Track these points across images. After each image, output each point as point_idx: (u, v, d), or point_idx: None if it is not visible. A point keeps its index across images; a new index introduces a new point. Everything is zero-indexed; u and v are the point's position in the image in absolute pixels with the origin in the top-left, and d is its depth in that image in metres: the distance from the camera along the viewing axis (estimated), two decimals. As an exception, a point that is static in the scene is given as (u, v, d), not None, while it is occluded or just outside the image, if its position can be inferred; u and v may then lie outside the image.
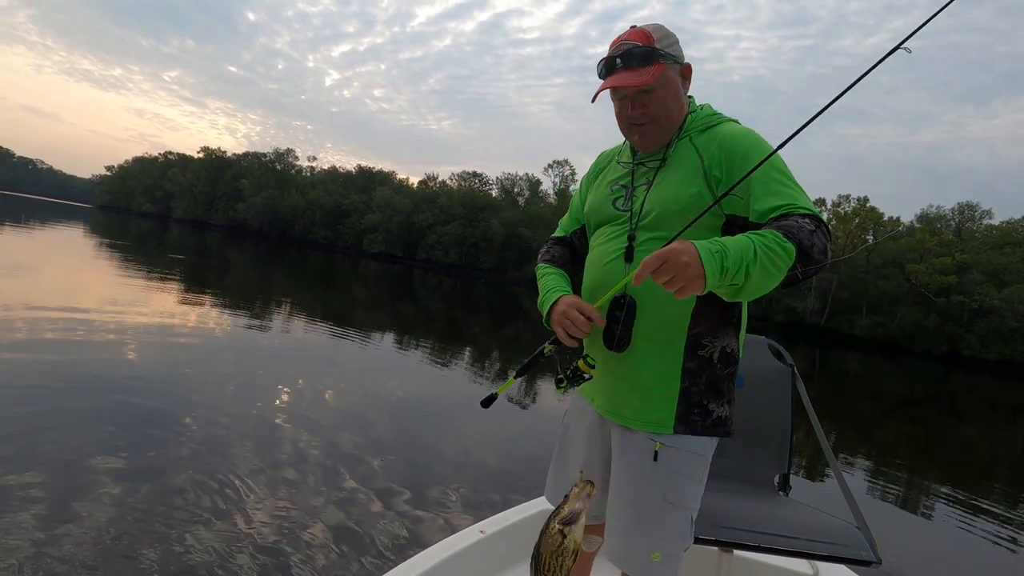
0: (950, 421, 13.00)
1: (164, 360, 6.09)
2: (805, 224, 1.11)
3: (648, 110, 1.29)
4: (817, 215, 1.16)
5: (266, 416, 4.78)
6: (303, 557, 2.74)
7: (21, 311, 7.17)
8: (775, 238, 1.06)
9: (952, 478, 7.07)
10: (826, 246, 1.12)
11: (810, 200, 1.20)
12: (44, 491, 2.96)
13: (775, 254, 1.05)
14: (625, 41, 1.26)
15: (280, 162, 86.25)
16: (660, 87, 1.27)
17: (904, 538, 4.59)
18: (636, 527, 1.33)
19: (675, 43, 1.30)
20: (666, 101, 1.28)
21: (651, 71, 1.24)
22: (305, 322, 10.92)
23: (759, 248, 1.04)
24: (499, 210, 63.57)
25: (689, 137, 1.32)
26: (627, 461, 1.36)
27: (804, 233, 1.09)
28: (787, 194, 1.18)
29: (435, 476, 4.06)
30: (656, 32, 1.28)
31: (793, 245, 1.07)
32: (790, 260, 1.06)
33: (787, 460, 1.89)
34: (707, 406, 1.30)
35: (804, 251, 1.08)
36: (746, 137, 1.27)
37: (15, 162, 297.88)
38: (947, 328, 43.36)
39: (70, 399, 4.41)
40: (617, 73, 1.25)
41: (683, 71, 1.32)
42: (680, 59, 1.30)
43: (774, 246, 1.05)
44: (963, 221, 51.94)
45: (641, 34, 1.27)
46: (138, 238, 31.57)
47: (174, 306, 10.02)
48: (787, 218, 1.14)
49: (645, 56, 1.24)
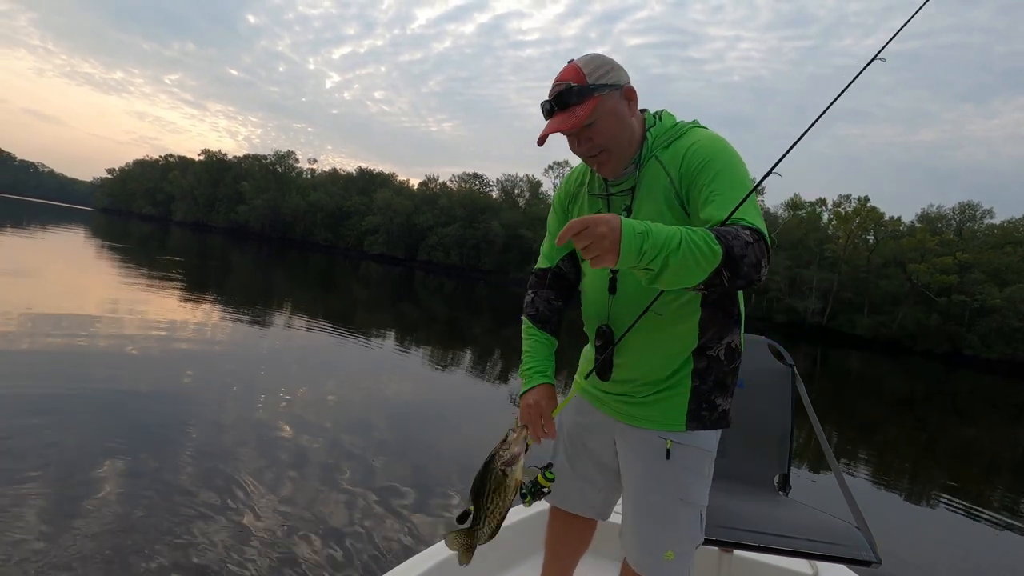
0: (951, 420, 12.99)
1: (167, 362, 6.10)
2: (744, 234, 1.10)
3: (595, 142, 1.28)
4: (760, 231, 1.14)
5: (268, 417, 4.78)
6: (303, 557, 2.74)
7: (25, 315, 7.18)
8: (705, 236, 1.06)
9: (953, 478, 7.06)
10: (760, 261, 1.10)
11: (760, 219, 1.17)
12: (49, 491, 2.97)
13: (700, 251, 1.04)
14: (558, 82, 1.26)
15: (281, 164, 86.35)
16: (600, 119, 1.26)
17: (904, 538, 4.58)
18: (649, 526, 1.36)
19: (610, 71, 1.27)
20: (611, 130, 1.27)
21: (584, 109, 1.24)
22: (307, 324, 10.93)
23: (685, 241, 1.04)
24: (500, 211, 63.62)
25: (655, 156, 1.31)
26: (638, 460, 1.39)
27: (738, 241, 1.08)
28: (731, 204, 1.16)
29: (435, 477, 4.06)
30: (587, 66, 1.26)
31: (721, 248, 1.05)
32: (715, 261, 1.05)
33: (787, 460, 1.89)
34: (714, 401, 1.35)
35: (733, 258, 1.07)
36: (707, 146, 1.26)
37: (16, 165, 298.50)
38: (949, 328, 43.31)
39: (74, 402, 4.42)
40: (554, 116, 1.26)
41: (626, 94, 1.29)
42: (619, 84, 1.28)
43: (701, 244, 1.05)
44: (964, 220, 51.89)
45: (572, 71, 1.26)
46: (139, 241, 31.62)
47: (176, 309, 10.03)
48: (731, 226, 1.14)
49: (578, 94, 1.24)
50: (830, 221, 53.30)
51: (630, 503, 1.41)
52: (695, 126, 1.33)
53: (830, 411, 10.76)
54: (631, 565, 1.39)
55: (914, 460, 7.88)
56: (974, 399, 19.18)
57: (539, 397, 1.38)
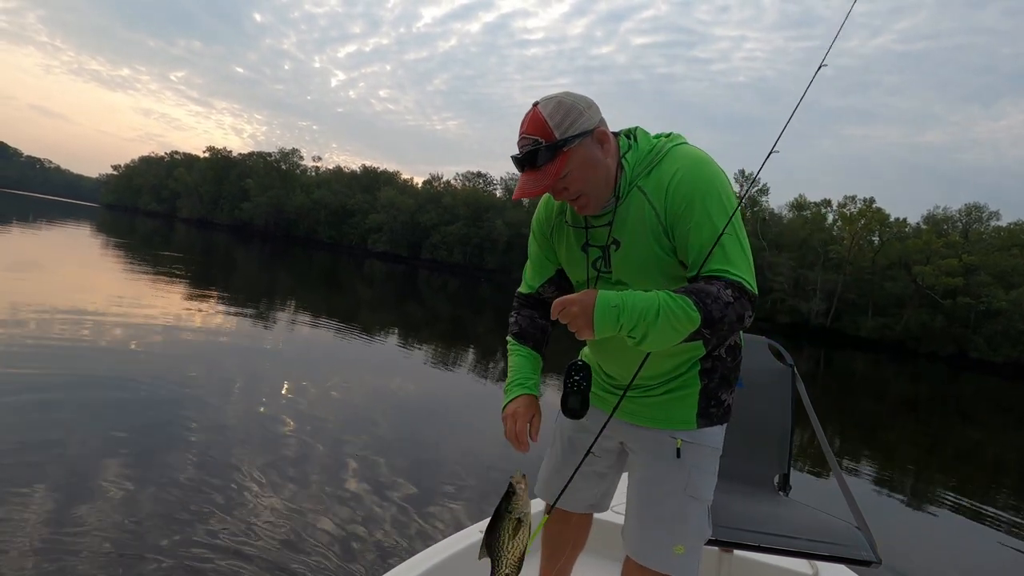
0: (955, 423, 12.93)
1: (172, 359, 6.12)
2: (724, 295, 1.14)
3: (572, 190, 1.25)
4: (743, 284, 1.16)
5: (272, 414, 4.80)
6: (303, 556, 2.75)
7: (30, 310, 7.22)
8: (683, 304, 1.12)
9: (955, 479, 7.03)
10: (742, 315, 1.16)
11: (744, 262, 1.19)
12: (54, 486, 2.99)
13: (677, 319, 1.11)
14: (526, 136, 1.21)
15: (285, 162, 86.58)
16: (573, 170, 1.22)
17: (905, 539, 4.57)
18: (659, 522, 1.37)
19: (578, 117, 1.21)
20: (586, 177, 1.24)
21: (554, 167, 1.21)
22: (310, 322, 10.96)
23: (662, 310, 1.11)
24: (504, 210, 63.56)
25: (637, 186, 1.26)
26: (649, 460, 1.41)
27: (718, 305, 1.13)
28: (724, 256, 1.17)
29: (437, 476, 4.07)
30: (553, 117, 1.20)
31: (699, 314, 1.11)
32: (693, 327, 1.12)
33: (787, 460, 1.89)
34: (720, 397, 1.38)
35: (712, 320, 1.13)
36: (690, 179, 1.22)
37: (23, 161, 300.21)
38: (954, 330, 43.11)
39: (77, 397, 4.44)
40: (526, 173, 1.24)
41: (597, 137, 1.23)
42: (589, 130, 1.22)
43: (679, 311, 1.11)
44: (970, 222, 51.60)
45: (539, 126, 1.20)
46: (144, 237, 31.76)
47: (180, 306, 10.07)
48: (713, 282, 1.16)
49: (547, 150, 1.20)
50: (835, 222, 53.12)
51: (637, 500, 1.41)
52: (674, 144, 1.28)
53: (834, 413, 10.73)
54: (640, 561, 1.38)
55: (916, 462, 7.85)
56: (979, 401, 19.09)
57: (515, 408, 1.38)
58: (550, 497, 1.59)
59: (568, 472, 1.54)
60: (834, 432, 8.72)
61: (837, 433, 8.67)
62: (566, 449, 1.57)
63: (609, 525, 2.01)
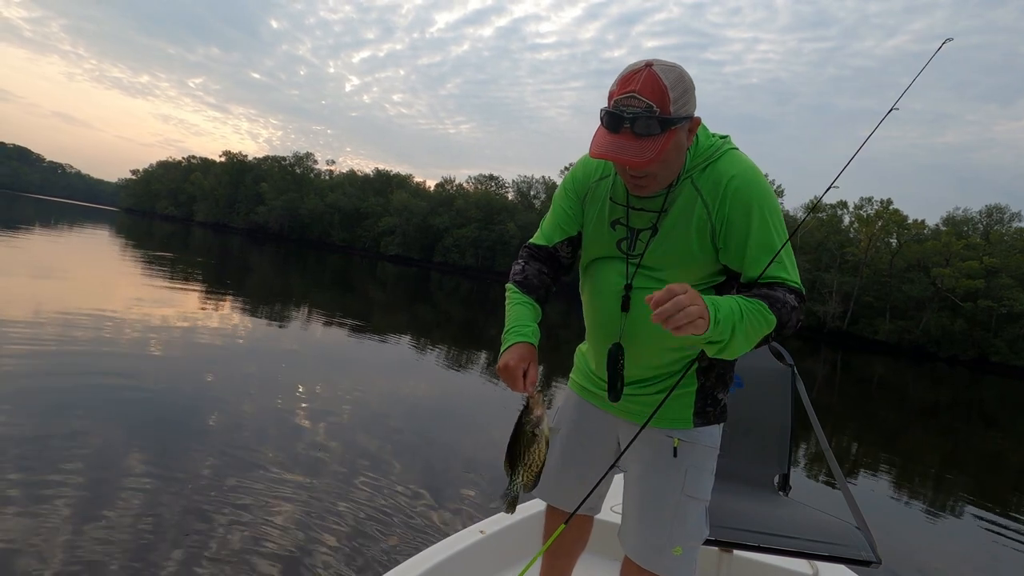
0: (976, 427, 12.68)
1: (189, 359, 6.22)
2: (790, 300, 1.17)
3: (646, 169, 1.19)
4: (801, 291, 1.21)
5: (286, 413, 4.86)
6: (303, 554, 2.78)
7: (50, 312, 7.38)
8: (761, 308, 1.13)
9: (964, 480, 6.89)
10: (799, 322, 1.20)
11: (797, 271, 1.24)
12: (76, 484, 3.05)
13: (758, 322, 1.12)
14: (637, 96, 1.10)
15: (299, 166, 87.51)
16: (666, 152, 1.15)
17: (905, 539, 4.51)
18: (657, 523, 1.36)
19: (691, 98, 1.15)
20: (668, 160, 1.18)
21: (659, 145, 1.11)
22: (324, 323, 11.06)
23: (746, 314, 1.11)
24: (516, 213, 63.68)
25: (691, 178, 1.24)
26: (645, 458, 1.39)
27: (786, 310, 1.16)
28: (781, 264, 1.20)
29: (442, 476, 4.09)
30: (674, 88, 1.11)
31: (776, 318, 1.14)
32: (769, 330, 1.14)
33: (787, 460, 1.88)
34: (717, 396, 1.38)
35: (782, 324, 1.16)
36: (748, 187, 1.21)
37: (45, 167, 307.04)
38: (975, 333, 42.27)
39: (99, 395, 4.54)
40: (622, 135, 1.12)
41: (691, 126, 1.18)
42: (692, 114, 1.17)
43: (758, 315, 1.12)
44: (991, 224, 50.64)
45: (657, 90, 1.10)
46: (161, 241, 32.25)
47: (197, 307, 10.22)
48: (775, 288, 1.19)
49: (660, 124, 1.10)
50: (851, 224, 52.42)
51: (635, 500, 1.40)
52: (730, 147, 1.27)
53: (850, 416, 10.58)
54: (637, 562, 1.38)
55: (930, 464, 7.71)
56: (1001, 406, 18.68)
57: (509, 356, 1.28)
58: (548, 497, 1.60)
59: (569, 474, 1.54)
60: (850, 436, 8.60)
61: (853, 437, 8.55)
62: (563, 448, 1.55)
63: (609, 525, 2.01)
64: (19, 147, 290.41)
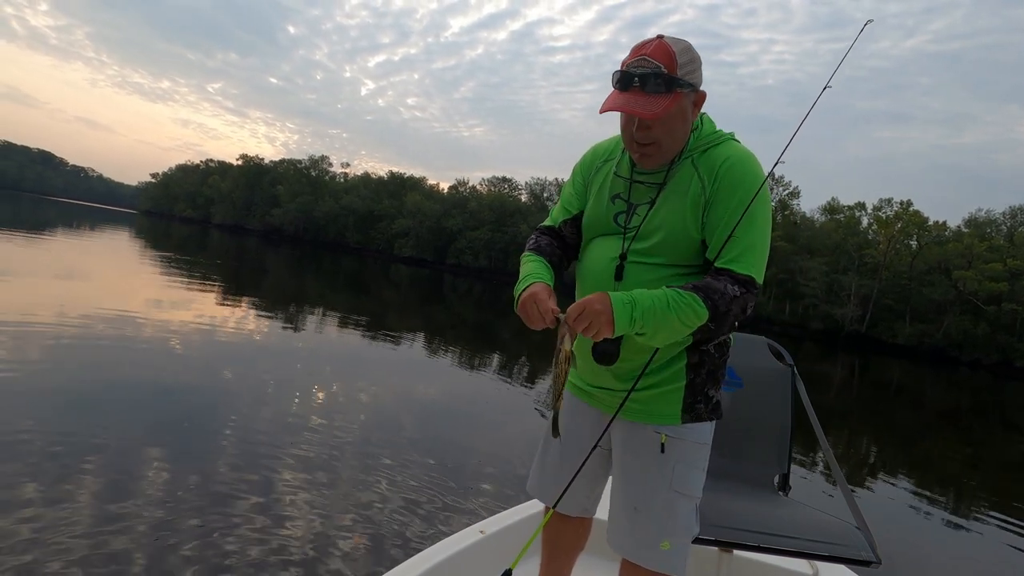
0: (998, 432, 12.41)
1: (206, 358, 6.33)
2: (730, 290, 1.20)
3: (652, 133, 1.26)
4: (750, 279, 1.23)
5: (301, 412, 4.93)
6: (303, 553, 2.81)
7: (75, 312, 7.55)
8: (691, 300, 1.18)
9: (965, 482, 6.76)
10: (744, 309, 1.23)
11: (758, 258, 1.25)
12: (94, 483, 3.12)
13: (684, 315, 1.18)
14: (647, 59, 1.21)
15: (315, 168, 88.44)
16: (670, 116, 1.24)
17: (905, 539, 4.46)
18: (645, 517, 1.36)
19: (696, 68, 1.25)
20: (673, 129, 1.26)
21: (665, 102, 1.20)
22: (339, 324, 11.18)
23: (672, 305, 1.17)
24: (528, 215, 63.64)
25: (692, 158, 1.31)
26: (633, 454, 1.39)
27: (723, 299, 1.19)
28: (735, 249, 1.24)
29: (460, 476, 4.11)
30: (681, 55, 1.22)
31: (707, 310, 1.18)
32: (700, 321, 1.19)
33: (787, 460, 1.87)
34: (708, 393, 1.37)
35: (718, 315, 1.20)
36: (740, 168, 1.28)
37: (68, 170, 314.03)
38: (998, 337, 41.32)
39: (118, 395, 4.64)
40: (631, 92, 1.22)
41: (697, 99, 1.28)
42: (698, 85, 1.27)
43: (686, 308, 1.18)
44: (1016, 225, 49.51)
45: (666, 55, 1.21)
46: (179, 243, 32.78)
47: (214, 308, 10.39)
48: (720, 277, 1.22)
49: (666, 83, 1.20)
50: (870, 226, 51.61)
51: (622, 496, 1.40)
52: (732, 137, 1.34)
53: (867, 420, 10.43)
54: (627, 557, 1.39)
55: (938, 466, 7.57)
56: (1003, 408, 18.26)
57: (527, 294, 1.27)
58: (547, 498, 1.59)
59: (566, 473, 1.54)
60: (862, 438, 8.48)
61: (865, 439, 8.42)
62: (562, 449, 1.55)
63: None
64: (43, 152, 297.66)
